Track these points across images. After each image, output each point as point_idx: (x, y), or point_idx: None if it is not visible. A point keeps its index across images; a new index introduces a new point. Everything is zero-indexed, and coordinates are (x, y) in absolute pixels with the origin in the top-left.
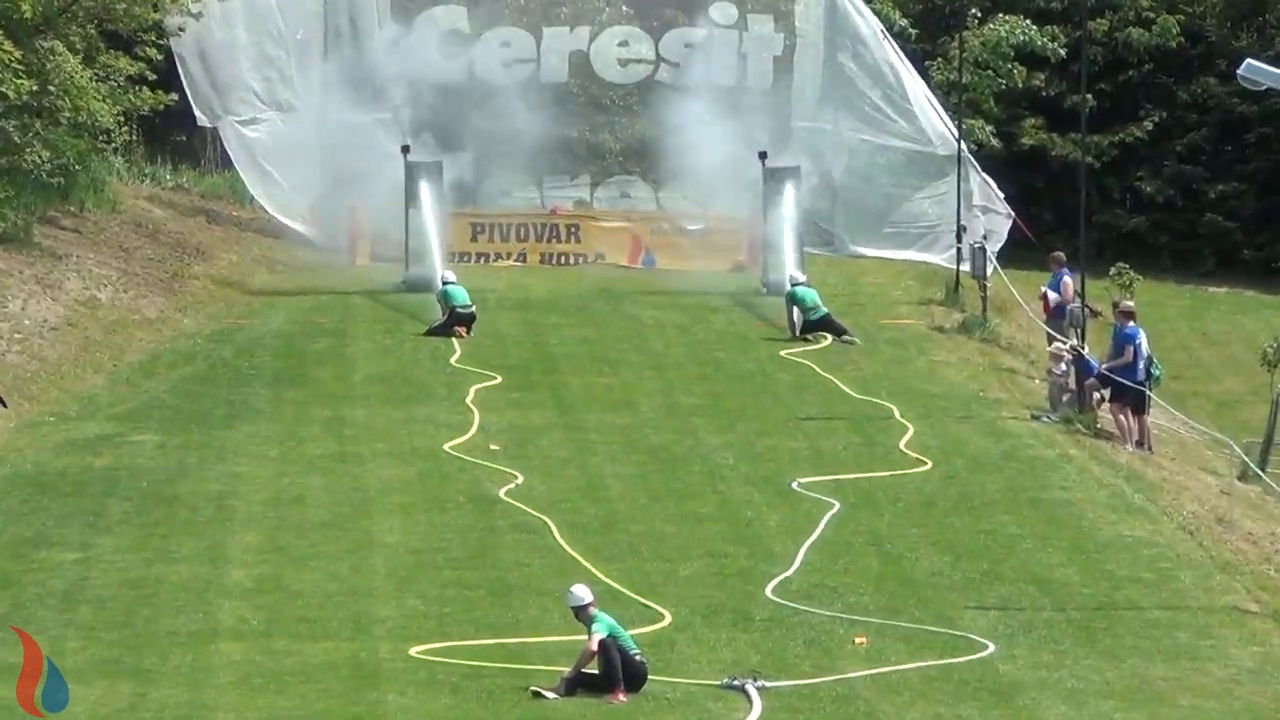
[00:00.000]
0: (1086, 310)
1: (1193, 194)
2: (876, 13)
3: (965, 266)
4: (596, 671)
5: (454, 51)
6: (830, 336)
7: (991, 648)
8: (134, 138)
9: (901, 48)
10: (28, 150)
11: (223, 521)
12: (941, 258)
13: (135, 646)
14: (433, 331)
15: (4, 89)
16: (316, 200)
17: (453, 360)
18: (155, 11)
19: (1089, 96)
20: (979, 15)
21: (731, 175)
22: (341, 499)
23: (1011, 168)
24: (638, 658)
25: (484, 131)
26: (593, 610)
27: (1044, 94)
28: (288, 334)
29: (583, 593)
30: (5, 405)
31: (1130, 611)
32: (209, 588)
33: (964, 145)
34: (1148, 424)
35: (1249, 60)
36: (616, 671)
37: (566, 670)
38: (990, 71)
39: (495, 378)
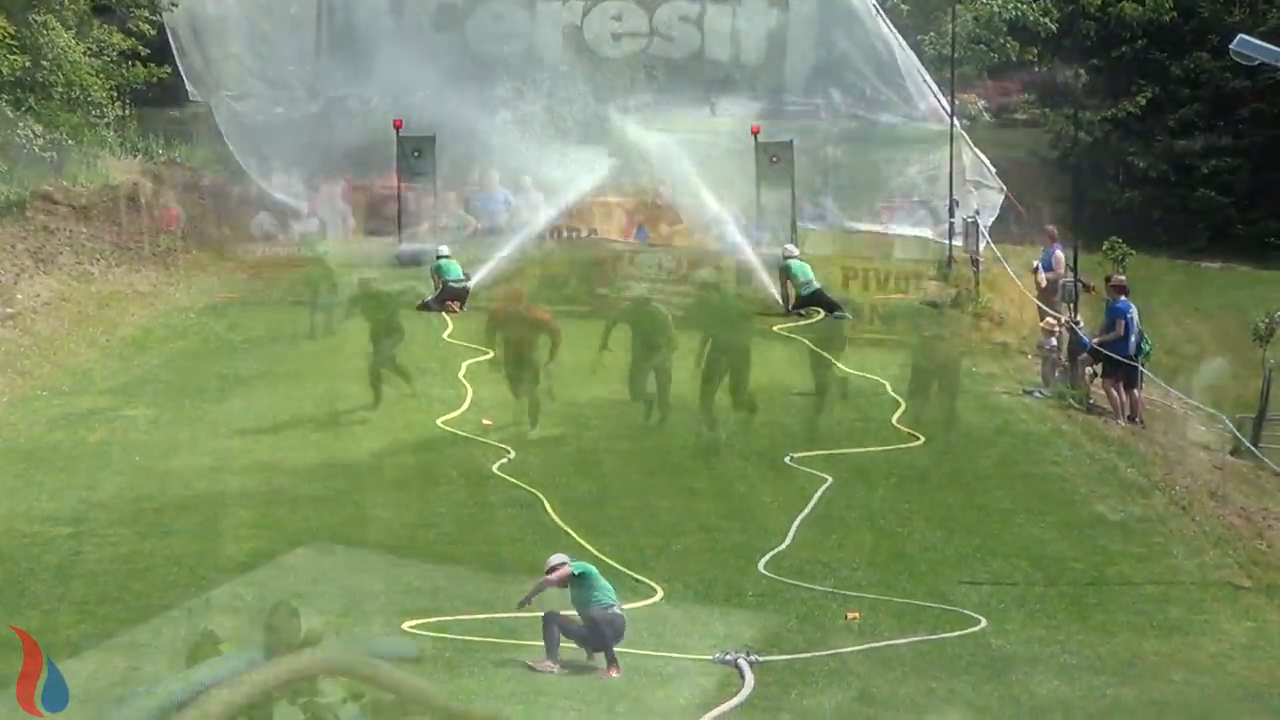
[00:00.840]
0: (1079, 285)
1: (1185, 169)
2: None
3: (958, 241)
4: (584, 628)
5: (447, 25)
6: (822, 311)
7: (984, 622)
8: (126, 112)
9: (894, 22)
10: (20, 125)
11: (215, 496)
12: (934, 232)
13: (128, 621)
14: (425, 306)
15: None
16: (308, 174)
17: (445, 335)
18: None
19: (1081, 71)
20: None
21: (724, 150)
22: (334, 473)
23: (1004, 143)
24: (614, 610)
25: (476, 105)
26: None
27: (1037, 69)
28: (280, 307)
29: (559, 559)
30: None
31: (1122, 586)
32: (201, 562)
33: (956, 120)
34: (1139, 398)
35: (1241, 35)
36: (609, 648)
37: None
38: (983, 46)
39: (487, 352)
